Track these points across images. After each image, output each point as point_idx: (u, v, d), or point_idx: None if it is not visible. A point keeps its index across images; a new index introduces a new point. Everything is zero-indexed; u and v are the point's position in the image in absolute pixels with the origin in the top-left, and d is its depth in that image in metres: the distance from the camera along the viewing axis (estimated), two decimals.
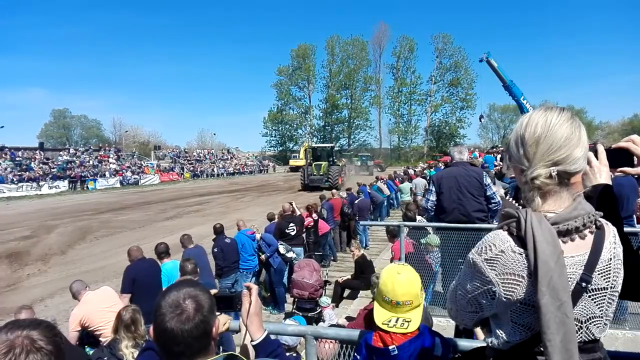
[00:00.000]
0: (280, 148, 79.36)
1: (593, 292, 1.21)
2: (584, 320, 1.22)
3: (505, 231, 1.24)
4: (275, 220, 10.05)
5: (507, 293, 1.20)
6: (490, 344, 1.33)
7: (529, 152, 1.25)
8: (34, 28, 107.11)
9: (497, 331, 1.30)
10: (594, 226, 1.23)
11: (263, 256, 8.57)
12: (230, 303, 1.71)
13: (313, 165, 33.97)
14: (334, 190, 14.64)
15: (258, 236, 8.59)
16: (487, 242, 1.26)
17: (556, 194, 1.25)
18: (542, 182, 1.23)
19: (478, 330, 3.32)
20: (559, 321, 1.12)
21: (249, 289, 1.72)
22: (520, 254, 1.19)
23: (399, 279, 2.04)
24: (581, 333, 1.22)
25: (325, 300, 6.82)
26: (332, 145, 41.11)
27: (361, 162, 53.83)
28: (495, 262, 1.22)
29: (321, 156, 35.73)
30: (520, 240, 1.20)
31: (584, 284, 1.19)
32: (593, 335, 1.23)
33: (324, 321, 6.52)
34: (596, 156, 1.46)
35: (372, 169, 49.84)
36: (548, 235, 1.16)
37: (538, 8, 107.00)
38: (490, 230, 1.32)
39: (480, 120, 45.29)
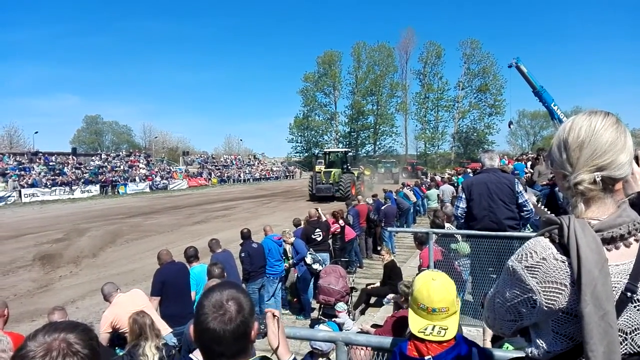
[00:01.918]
0: (306, 154, 79.51)
1: (639, 302, 1.16)
2: (629, 332, 1.17)
3: (547, 238, 1.21)
4: (302, 226, 10.07)
5: (549, 302, 1.17)
6: (529, 354, 1.29)
7: (572, 156, 1.22)
8: (67, 37, 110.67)
9: (537, 341, 1.26)
10: (639, 234, 1.19)
11: (290, 262, 8.60)
12: None
13: (322, 172, 30.62)
14: (359, 197, 14.54)
15: (291, 240, 8.58)
16: (527, 249, 1.22)
17: (600, 200, 1.21)
18: (586, 187, 1.19)
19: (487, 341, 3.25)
20: (602, 331, 1.08)
21: (270, 312, 1.74)
22: (563, 262, 1.15)
23: (435, 286, 2.00)
24: (626, 345, 1.17)
25: (341, 305, 6.81)
26: (346, 150, 36.79)
27: (385, 169, 51.76)
28: (536, 269, 1.18)
29: (335, 162, 32.34)
30: (563, 247, 1.16)
31: (629, 294, 1.15)
32: (639, 347, 1.18)
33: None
34: (637, 163, 1.42)
35: (397, 176, 47.72)
36: (592, 242, 1.12)
37: (568, 11, 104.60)
38: (521, 238, 1.30)
39: (510, 127, 44.29)
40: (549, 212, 6.61)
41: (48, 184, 36.34)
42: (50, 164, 41.75)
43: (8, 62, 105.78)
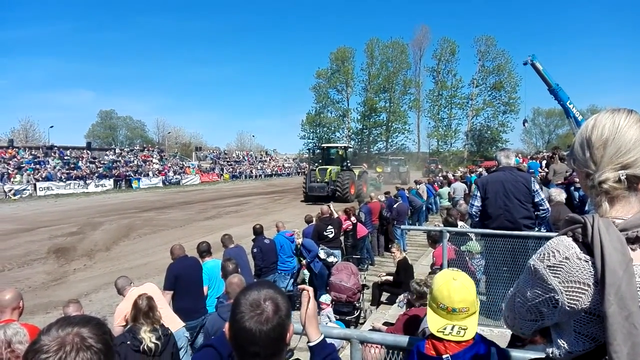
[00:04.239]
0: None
1: None
2: None
3: (570, 237, 1.19)
4: (313, 223, 10.05)
5: (571, 302, 1.15)
6: (550, 354, 1.27)
7: (595, 155, 1.20)
8: (82, 32, 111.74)
9: (559, 341, 1.24)
10: None
11: (304, 261, 8.60)
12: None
13: (317, 169, 27.69)
14: (372, 194, 14.45)
15: (299, 241, 8.58)
16: (550, 249, 1.20)
17: (624, 199, 1.19)
18: (610, 186, 1.17)
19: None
20: (626, 332, 1.06)
21: (307, 291, 1.71)
22: (586, 261, 1.13)
23: (455, 286, 1.99)
24: None
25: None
26: (345, 145, 33.14)
27: (392, 168, 46.69)
28: (559, 269, 1.16)
29: (334, 159, 29.47)
30: (586, 247, 1.14)
31: None
32: None
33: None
34: None
35: (405, 175, 43.81)
36: (616, 242, 1.10)
37: (584, 8, 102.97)
38: (537, 237, 1.28)
39: (524, 125, 43.34)
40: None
41: (63, 177, 36.82)
42: (65, 158, 42.31)
43: (24, 56, 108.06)
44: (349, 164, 29.51)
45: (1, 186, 31.82)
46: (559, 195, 6.50)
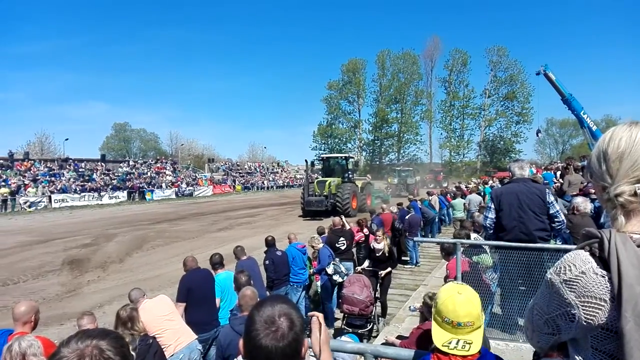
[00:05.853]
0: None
1: None
2: None
3: (587, 252, 1.17)
4: (325, 234, 10.03)
5: (588, 317, 1.13)
6: None
7: (611, 168, 1.19)
8: (96, 45, 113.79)
9: (576, 357, 1.22)
10: None
11: (311, 270, 8.57)
12: None
13: (316, 182, 26.35)
14: (384, 205, 14.38)
15: (319, 246, 8.55)
16: (566, 262, 1.19)
17: None
18: (626, 199, 1.16)
19: None
20: None
21: (316, 317, 1.69)
22: (603, 277, 1.12)
23: (460, 299, 1.97)
24: None
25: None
26: (347, 156, 30.46)
27: (399, 180, 43.43)
28: (575, 283, 1.15)
29: (334, 170, 28.18)
30: (603, 262, 1.12)
31: None
32: None
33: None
34: None
35: (413, 187, 40.33)
36: (633, 257, 1.08)
37: (597, 18, 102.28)
38: (552, 250, 1.26)
39: (538, 135, 42.98)
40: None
41: (77, 189, 37.29)
42: (80, 170, 42.89)
43: (39, 70, 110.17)
44: (350, 176, 27.86)
45: (17, 198, 32.28)
46: (585, 206, 6.33)
